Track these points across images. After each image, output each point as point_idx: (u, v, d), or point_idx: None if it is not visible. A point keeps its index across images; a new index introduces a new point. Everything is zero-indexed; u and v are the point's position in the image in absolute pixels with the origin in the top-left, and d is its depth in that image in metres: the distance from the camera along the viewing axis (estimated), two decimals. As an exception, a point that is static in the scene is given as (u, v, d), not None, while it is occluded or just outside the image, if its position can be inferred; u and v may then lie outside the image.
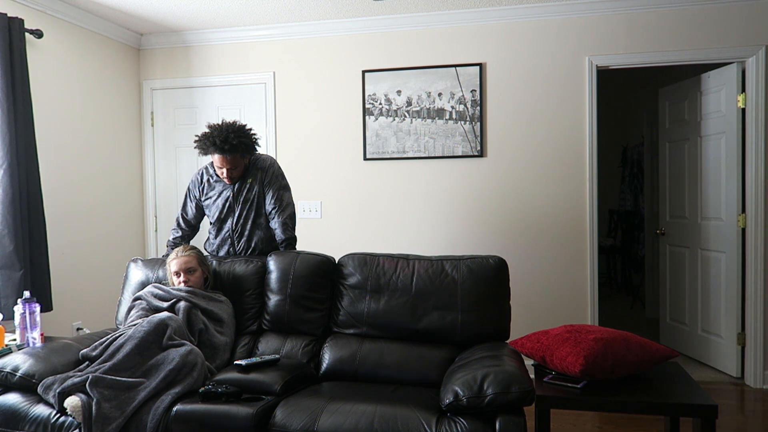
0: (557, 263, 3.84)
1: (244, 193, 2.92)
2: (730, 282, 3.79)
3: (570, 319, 3.81)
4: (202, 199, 3.02)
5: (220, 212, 2.95)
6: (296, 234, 3.01)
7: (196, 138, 2.85)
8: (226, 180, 2.89)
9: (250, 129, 2.88)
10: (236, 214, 2.93)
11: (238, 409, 2.03)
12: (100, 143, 3.99)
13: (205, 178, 3.02)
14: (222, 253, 2.99)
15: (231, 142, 2.73)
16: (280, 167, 3.01)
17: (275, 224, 2.91)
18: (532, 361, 2.45)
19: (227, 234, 2.97)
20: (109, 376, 2.10)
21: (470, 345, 2.48)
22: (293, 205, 3.00)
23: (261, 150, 4.15)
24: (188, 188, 3.07)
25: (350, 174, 4.10)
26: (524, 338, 2.39)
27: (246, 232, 2.94)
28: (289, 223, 2.93)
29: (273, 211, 2.91)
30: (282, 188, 2.95)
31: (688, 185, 4.24)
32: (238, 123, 2.85)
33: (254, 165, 2.96)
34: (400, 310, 2.54)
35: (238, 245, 2.96)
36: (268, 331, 2.70)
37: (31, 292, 3.04)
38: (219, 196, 2.96)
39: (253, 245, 2.95)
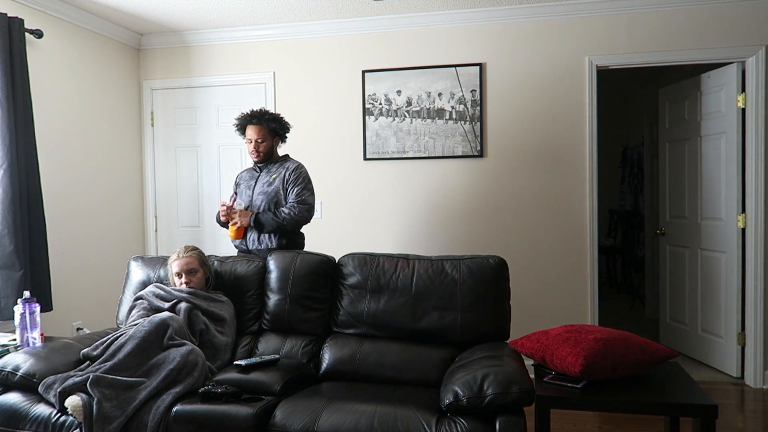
0: (557, 263, 3.84)
1: (263, 185, 3.05)
2: (730, 282, 3.79)
3: (570, 319, 3.81)
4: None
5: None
6: (296, 228, 3.07)
7: (236, 118, 3.13)
8: (253, 156, 3.09)
9: (283, 118, 3.18)
10: (251, 202, 3.06)
11: (238, 409, 2.04)
12: (100, 143, 3.99)
13: (237, 180, 3.24)
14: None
15: (264, 116, 3.07)
16: (308, 174, 3.11)
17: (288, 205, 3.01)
18: (532, 361, 2.45)
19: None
20: (110, 376, 2.11)
21: (470, 345, 2.48)
22: (313, 208, 3.07)
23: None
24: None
25: (350, 174, 4.10)
26: (524, 338, 2.39)
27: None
28: (296, 212, 2.97)
29: (292, 201, 3.01)
30: (306, 189, 3.04)
31: (688, 185, 4.24)
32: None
33: (282, 163, 3.11)
34: (400, 310, 2.54)
35: (248, 237, 3.05)
36: (268, 331, 2.70)
37: (31, 292, 3.04)
38: (247, 187, 3.14)
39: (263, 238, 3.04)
